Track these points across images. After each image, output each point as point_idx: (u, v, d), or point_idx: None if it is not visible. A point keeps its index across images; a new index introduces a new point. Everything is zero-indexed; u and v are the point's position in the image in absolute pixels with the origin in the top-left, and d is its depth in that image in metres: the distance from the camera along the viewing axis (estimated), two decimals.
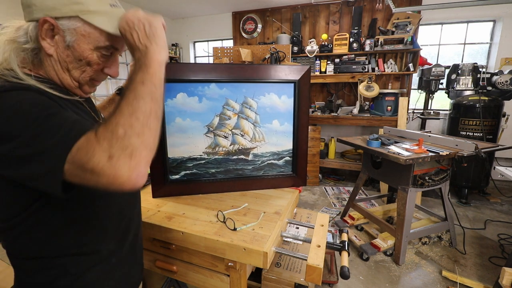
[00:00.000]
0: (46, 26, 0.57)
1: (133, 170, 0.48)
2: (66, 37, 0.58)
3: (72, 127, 0.50)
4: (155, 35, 0.58)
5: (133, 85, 0.53)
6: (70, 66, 0.61)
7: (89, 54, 0.60)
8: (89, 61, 0.61)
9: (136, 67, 0.56)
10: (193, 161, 1.17)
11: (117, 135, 0.48)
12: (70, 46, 0.59)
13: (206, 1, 3.99)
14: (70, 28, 0.57)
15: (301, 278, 1.20)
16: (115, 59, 0.67)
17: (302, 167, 1.28)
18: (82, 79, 0.63)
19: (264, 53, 2.82)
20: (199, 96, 1.12)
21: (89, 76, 0.64)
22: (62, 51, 0.59)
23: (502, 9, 3.31)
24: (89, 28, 0.58)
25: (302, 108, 1.21)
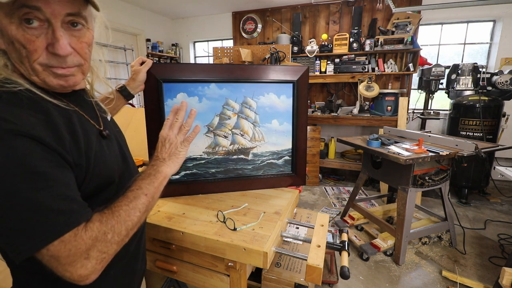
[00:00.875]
0: None
1: (95, 272, 0.50)
2: None
3: (63, 212, 0.47)
4: (175, 155, 0.71)
5: (137, 192, 0.60)
6: (15, 55, 0.51)
7: (11, 29, 0.48)
8: (17, 38, 0.49)
9: (148, 171, 0.66)
10: (193, 161, 1.17)
11: (105, 238, 0.51)
12: (0, 30, 0.49)
13: (206, 1, 3.99)
14: None
15: (301, 278, 1.20)
16: (53, 30, 0.51)
17: (301, 166, 1.28)
18: (34, 68, 0.52)
19: (264, 53, 2.82)
20: (199, 96, 1.12)
21: (35, 61, 0.51)
22: (2, 40, 0.50)
23: (502, 9, 3.31)
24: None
25: (301, 107, 1.22)
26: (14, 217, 0.44)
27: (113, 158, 0.67)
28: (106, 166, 0.63)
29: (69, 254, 0.47)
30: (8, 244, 0.46)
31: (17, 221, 0.44)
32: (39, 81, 0.54)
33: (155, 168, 0.67)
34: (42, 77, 0.53)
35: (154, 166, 0.68)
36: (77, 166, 0.54)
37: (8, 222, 0.44)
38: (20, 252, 0.45)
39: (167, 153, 0.71)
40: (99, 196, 0.62)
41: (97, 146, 0.61)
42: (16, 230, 0.45)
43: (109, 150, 0.67)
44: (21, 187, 0.44)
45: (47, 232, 0.46)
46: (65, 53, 0.52)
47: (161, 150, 0.71)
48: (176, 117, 0.75)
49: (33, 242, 0.45)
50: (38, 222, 0.45)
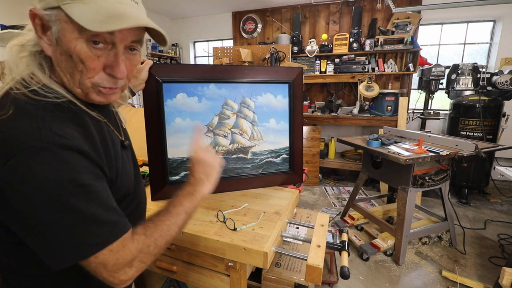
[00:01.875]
0: (37, 21, 0.50)
1: (132, 279, 0.54)
2: (53, 29, 0.50)
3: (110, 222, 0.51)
4: (211, 175, 0.74)
5: (179, 209, 0.64)
6: (66, 66, 0.52)
7: (76, 44, 0.50)
8: (79, 54, 0.50)
9: (187, 189, 0.69)
10: None
11: (148, 250, 0.55)
12: (58, 40, 0.50)
13: (206, 1, 3.99)
14: (54, 18, 0.49)
15: (301, 278, 1.20)
16: (116, 54, 0.54)
17: (298, 164, 1.30)
18: (83, 83, 0.54)
19: (264, 53, 2.82)
20: (199, 96, 1.13)
21: (89, 78, 0.53)
22: (55, 48, 0.52)
23: (502, 9, 3.31)
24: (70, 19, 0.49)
25: (297, 107, 1.25)
26: (65, 227, 0.46)
27: (131, 169, 0.69)
28: (127, 177, 0.65)
29: (116, 262, 0.50)
30: (56, 251, 0.47)
31: (68, 231, 0.47)
32: (81, 94, 0.55)
33: (194, 188, 0.70)
34: (86, 91, 0.55)
35: (194, 185, 0.70)
36: (109, 179, 0.57)
37: (59, 231, 0.46)
38: (67, 260, 0.47)
39: (204, 173, 0.73)
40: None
41: (121, 158, 0.63)
42: (66, 239, 0.47)
43: (128, 160, 0.69)
44: (72, 200, 0.46)
45: (97, 241, 0.49)
46: (122, 77, 0.55)
47: (196, 171, 0.73)
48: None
49: (83, 250, 0.48)
50: (88, 232, 0.48)
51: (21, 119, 0.47)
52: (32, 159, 0.44)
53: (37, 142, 0.45)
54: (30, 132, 0.46)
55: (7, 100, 0.49)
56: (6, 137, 0.45)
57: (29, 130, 0.46)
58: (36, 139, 0.45)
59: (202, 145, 0.79)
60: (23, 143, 0.44)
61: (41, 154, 0.45)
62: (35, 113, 0.48)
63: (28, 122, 0.47)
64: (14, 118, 0.47)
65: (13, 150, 0.44)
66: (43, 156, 0.45)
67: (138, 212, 0.74)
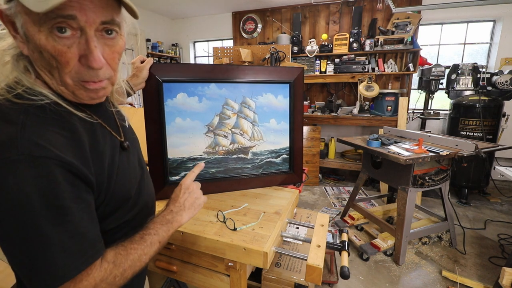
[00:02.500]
0: (4, 18, 0.45)
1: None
2: (17, 24, 0.45)
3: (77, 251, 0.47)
4: (193, 207, 0.73)
5: (154, 238, 0.60)
6: (42, 64, 0.48)
7: (40, 37, 0.44)
8: (46, 48, 0.45)
9: (167, 216, 0.67)
10: (193, 161, 1.17)
11: (113, 281, 0.51)
12: (25, 35, 0.46)
13: (206, 1, 3.99)
14: (14, 10, 0.44)
15: (301, 278, 1.20)
16: (87, 40, 0.47)
17: (298, 164, 1.30)
18: (63, 81, 0.49)
19: (264, 53, 2.82)
20: (199, 96, 1.12)
21: (67, 74, 0.48)
22: (27, 46, 0.47)
23: (502, 9, 3.31)
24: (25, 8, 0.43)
25: (297, 107, 1.25)
26: (30, 252, 0.43)
27: (132, 171, 0.65)
28: (125, 182, 0.61)
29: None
30: (24, 276, 0.45)
31: (32, 257, 0.43)
32: (68, 92, 0.51)
33: (173, 216, 0.68)
34: (71, 90, 0.51)
35: (173, 212, 0.69)
36: (98, 186, 0.53)
37: (24, 256, 0.43)
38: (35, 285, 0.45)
39: (188, 201, 0.72)
40: (115, 214, 0.60)
41: (119, 161, 0.59)
42: (30, 266, 0.44)
43: (129, 163, 0.64)
44: (40, 221, 0.43)
45: (63, 272, 0.45)
46: (99, 66, 0.49)
47: (182, 197, 0.72)
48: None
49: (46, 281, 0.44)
50: (53, 260, 0.44)
51: (1, 126, 0.44)
52: (5, 172, 0.41)
53: (12, 153, 0.41)
54: (6, 142, 0.42)
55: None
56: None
57: (6, 140, 0.42)
58: (12, 150, 0.42)
59: (194, 177, 0.79)
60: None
61: (15, 166, 0.41)
62: (15, 119, 0.44)
63: (6, 130, 0.43)
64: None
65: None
66: (16, 168, 0.41)
67: (141, 217, 0.69)
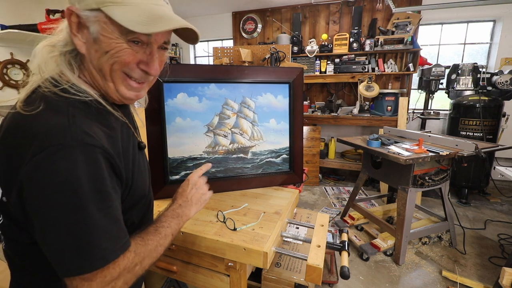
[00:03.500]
0: (73, 19, 0.51)
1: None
2: (91, 29, 0.52)
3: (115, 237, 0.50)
4: (200, 202, 0.78)
5: (167, 230, 0.65)
6: (99, 62, 0.53)
7: (117, 44, 0.52)
8: (119, 51, 0.52)
9: (176, 210, 0.71)
10: (193, 161, 1.17)
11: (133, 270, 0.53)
12: (96, 39, 0.52)
13: (206, 1, 3.99)
14: (93, 19, 0.51)
15: (301, 278, 1.20)
16: (152, 52, 0.56)
17: (298, 164, 1.30)
18: (115, 76, 0.55)
19: (264, 53, 2.82)
20: (199, 96, 1.13)
21: (120, 67, 0.54)
22: (91, 45, 0.53)
23: (502, 9, 3.31)
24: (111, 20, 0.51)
25: (297, 107, 1.25)
26: (76, 233, 0.45)
27: (145, 170, 0.69)
28: (142, 179, 0.65)
29: (104, 280, 0.48)
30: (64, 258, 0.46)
31: (77, 238, 0.45)
32: (113, 89, 0.57)
33: (183, 210, 0.72)
34: (118, 86, 0.56)
35: (182, 207, 0.73)
36: (125, 181, 0.57)
37: (69, 237, 0.45)
38: (73, 270, 0.46)
39: (195, 197, 0.77)
40: (133, 210, 0.63)
41: (138, 160, 0.63)
42: (76, 247, 0.45)
43: (144, 162, 0.69)
44: (89, 205, 0.46)
45: (102, 255, 0.47)
46: (155, 73, 0.59)
47: (189, 192, 0.77)
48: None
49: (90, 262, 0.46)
50: (97, 244, 0.47)
51: (52, 115, 0.48)
52: (59, 156, 0.44)
53: (66, 139, 0.45)
54: (60, 129, 0.46)
55: (37, 96, 0.50)
56: (37, 132, 0.45)
57: (59, 127, 0.46)
58: (66, 137, 0.45)
59: (201, 174, 0.83)
60: (52, 139, 0.44)
61: (68, 152, 0.45)
62: (65, 109, 0.49)
63: (58, 119, 0.47)
64: (45, 114, 0.47)
65: (41, 146, 0.44)
66: (70, 154, 0.45)
67: (150, 213, 0.75)
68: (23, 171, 0.44)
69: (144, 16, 0.50)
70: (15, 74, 3.11)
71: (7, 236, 0.57)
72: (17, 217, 0.50)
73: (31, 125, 0.46)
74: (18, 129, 0.48)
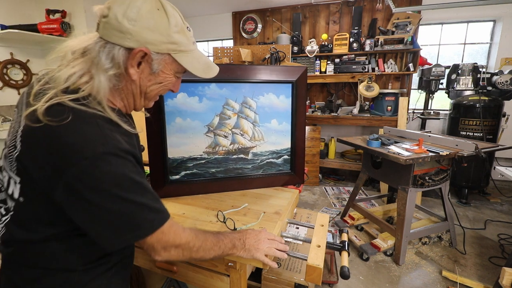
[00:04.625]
0: (138, 56, 0.60)
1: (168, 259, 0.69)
2: (153, 66, 0.64)
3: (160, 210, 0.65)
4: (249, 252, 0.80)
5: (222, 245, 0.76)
6: (150, 88, 0.68)
7: (170, 78, 0.69)
8: (168, 82, 0.69)
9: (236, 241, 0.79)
10: (193, 161, 1.17)
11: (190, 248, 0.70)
12: (155, 73, 0.65)
13: (206, 1, 3.99)
14: (159, 59, 0.64)
15: (301, 278, 1.20)
16: (178, 81, 0.75)
17: (300, 165, 1.29)
18: (155, 96, 0.72)
19: (264, 53, 2.82)
20: (199, 96, 1.12)
21: (161, 92, 0.72)
22: (145, 76, 0.65)
23: (502, 9, 3.31)
24: (175, 62, 0.66)
25: (300, 107, 1.24)
26: (126, 215, 0.58)
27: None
28: None
29: (168, 240, 0.65)
30: (117, 234, 0.58)
31: (128, 217, 0.58)
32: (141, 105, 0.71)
33: (235, 247, 0.79)
34: (148, 102, 0.73)
35: (238, 245, 0.79)
36: None
37: (122, 218, 0.57)
38: (127, 240, 0.60)
39: (250, 245, 0.80)
40: None
41: (141, 160, 0.73)
42: (127, 224, 0.58)
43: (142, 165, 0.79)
44: (131, 194, 0.58)
45: (151, 225, 0.62)
46: (177, 91, 0.78)
47: (250, 239, 0.81)
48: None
49: (141, 232, 0.60)
50: (144, 217, 0.60)
51: (83, 125, 0.55)
52: (101, 162, 0.54)
53: (103, 148, 0.54)
54: (97, 139, 0.55)
55: (61, 108, 0.55)
56: (74, 140, 0.53)
57: (96, 137, 0.55)
58: (102, 145, 0.54)
59: (274, 237, 0.86)
60: (92, 148, 0.53)
61: (108, 158, 0.55)
62: (94, 121, 0.57)
63: (91, 129, 0.56)
64: (76, 124, 0.55)
65: (84, 154, 0.52)
66: (108, 159, 0.55)
67: None
68: (70, 174, 0.52)
69: (203, 64, 0.71)
70: (15, 74, 3.11)
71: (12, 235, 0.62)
72: (40, 212, 0.59)
73: (65, 134, 0.53)
74: (52, 139, 0.53)
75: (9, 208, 0.61)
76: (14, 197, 0.59)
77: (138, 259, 1.07)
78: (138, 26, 0.57)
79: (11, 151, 0.58)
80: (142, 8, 0.57)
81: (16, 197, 0.59)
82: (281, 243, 0.86)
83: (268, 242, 0.82)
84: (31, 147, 0.55)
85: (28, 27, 2.89)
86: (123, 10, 0.57)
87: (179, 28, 0.63)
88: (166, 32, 0.61)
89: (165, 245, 0.65)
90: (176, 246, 0.67)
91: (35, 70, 3.33)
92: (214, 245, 0.74)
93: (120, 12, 0.57)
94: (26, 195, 0.58)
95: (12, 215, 0.61)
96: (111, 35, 0.58)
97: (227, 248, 0.77)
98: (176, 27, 0.62)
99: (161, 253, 0.65)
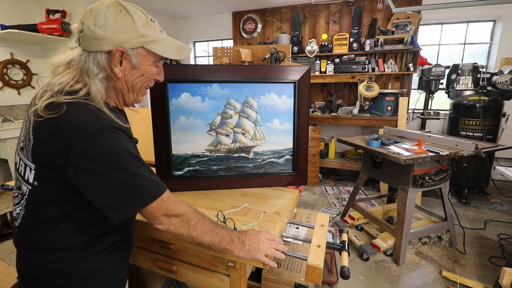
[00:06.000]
0: (117, 55, 0.68)
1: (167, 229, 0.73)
2: (132, 61, 0.71)
3: (156, 182, 0.70)
4: (249, 253, 0.81)
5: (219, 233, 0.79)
6: (135, 82, 0.74)
7: (151, 68, 0.75)
8: (150, 73, 0.75)
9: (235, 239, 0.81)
10: (196, 158, 1.20)
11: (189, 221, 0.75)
12: (135, 67, 0.72)
13: (206, 1, 3.99)
14: (135, 53, 0.70)
15: (301, 278, 1.20)
16: (161, 67, 0.80)
17: (302, 166, 1.28)
18: (141, 89, 0.77)
19: (264, 53, 2.82)
20: (202, 95, 1.14)
21: (146, 84, 0.78)
22: (128, 71, 0.72)
23: (502, 9, 3.31)
24: (149, 52, 0.72)
25: (302, 107, 1.23)
26: (127, 185, 0.64)
27: None
28: None
29: (168, 208, 0.71)
30: (121, 204, 0.65)
31: (130, 188, 0.65)
32: (132, 99, 0.78)
33: (234, 242, 0.80)
34: (138, 96, 0.79)
35: (237, 242, 0.81)
36: None
37: (124, 189, 0.64)
38: (130, 210, 0.66)
39: (250, 246, 0.81)
40: None
41: None
42: (129, 194, 0.65)
43: None
44: (130, 165, 0.65)
45: (152, 194, 0.68)
46: (162, 80, 0.83)
47: (251, 240, 0.82)
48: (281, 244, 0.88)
49: (143, 201, 0.67)
50: (144, 188, 0.67)
51: (78, 111, 0.63)
52: (98, 137, 0.61)
53: (99, 125, 0.62)
54: (92, 119, 0.62)
55: (57, 103, 0.63)
56: (73, 124, 0.61)
57: (90, 118, 0.63)
58: (98, 124, 0.62)
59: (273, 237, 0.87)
60: (89, 127, 0.61)
61: (104, 133, 0.62)
62: (87, 107, 0.65)
63: (85, 113, 0.63)
64: (72, 111, 0.63)
65: (82, 133, 0.60)
66: (105, 134, 0.62)
67: None
68: (75, 153, 0.59)
69: (175, 48, 0.76)
70: (15, 74, 3.11)
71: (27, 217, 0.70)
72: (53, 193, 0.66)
73: (64, 121, 0.61)
74: (54, 128, 0.62)
75: (24, 193, 0.69)
76: (29, 182, 0.67)
77: (138, 259, 1.07)
78: (108, 31, 0.65)
79: (27, 144, 0.67)
80: (107, 14, 0.65)
81: (31, 181, 0.67)
82: (280, 243, 0.86)
83: (268, 243, 0.83)
84: (40, 137, 0.65)
85: (28, 27, 2.89)
86: (93, 21, 0.65)
87: (144, 22, 0.69)
88: (133, 28, 0.67)
89: (166, 212, 0.70)
90: (175, 215, 0.72)
91: (35, 70, 3.33)
92: (212, 230, 0.78)
93: (91, 23, 0.65)
94: (40, 179, 0.66)
95: (27, 198, 0.69)
96: (91, 45, 0.66)
97: (224, 240, 0.79)
98: (140, 22, 0.68)
99: (162, 220, 0.71)
